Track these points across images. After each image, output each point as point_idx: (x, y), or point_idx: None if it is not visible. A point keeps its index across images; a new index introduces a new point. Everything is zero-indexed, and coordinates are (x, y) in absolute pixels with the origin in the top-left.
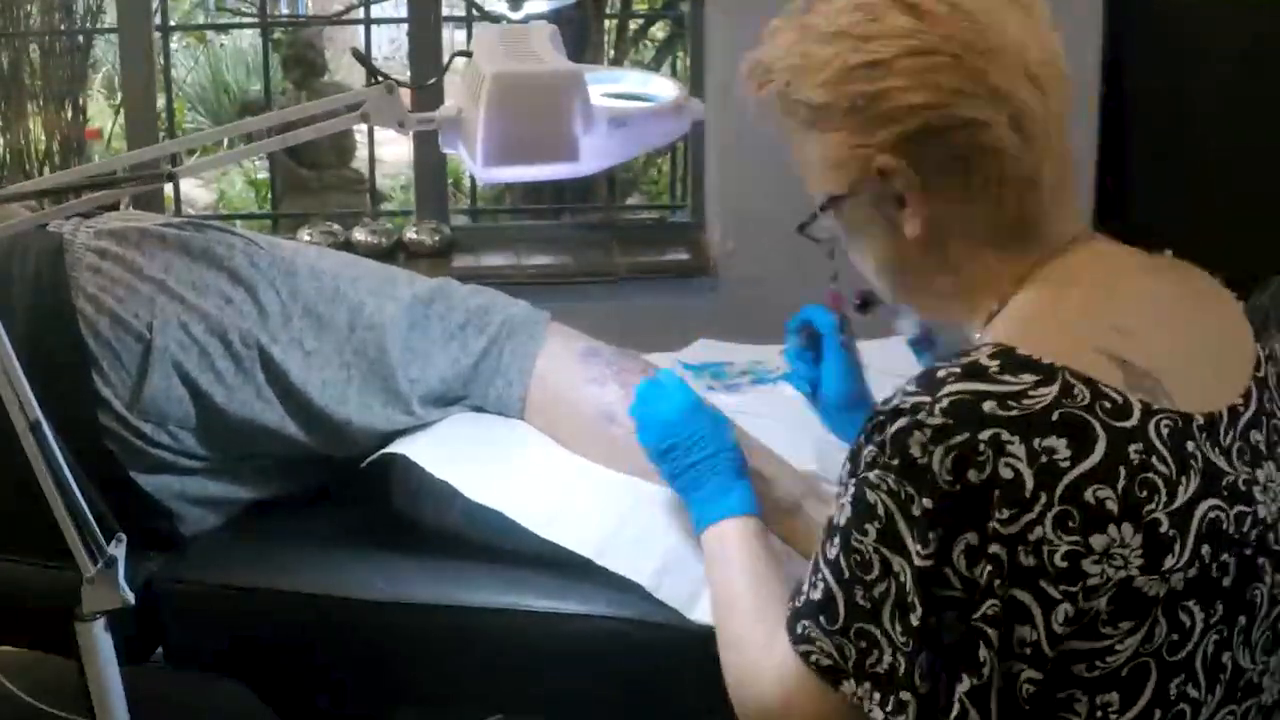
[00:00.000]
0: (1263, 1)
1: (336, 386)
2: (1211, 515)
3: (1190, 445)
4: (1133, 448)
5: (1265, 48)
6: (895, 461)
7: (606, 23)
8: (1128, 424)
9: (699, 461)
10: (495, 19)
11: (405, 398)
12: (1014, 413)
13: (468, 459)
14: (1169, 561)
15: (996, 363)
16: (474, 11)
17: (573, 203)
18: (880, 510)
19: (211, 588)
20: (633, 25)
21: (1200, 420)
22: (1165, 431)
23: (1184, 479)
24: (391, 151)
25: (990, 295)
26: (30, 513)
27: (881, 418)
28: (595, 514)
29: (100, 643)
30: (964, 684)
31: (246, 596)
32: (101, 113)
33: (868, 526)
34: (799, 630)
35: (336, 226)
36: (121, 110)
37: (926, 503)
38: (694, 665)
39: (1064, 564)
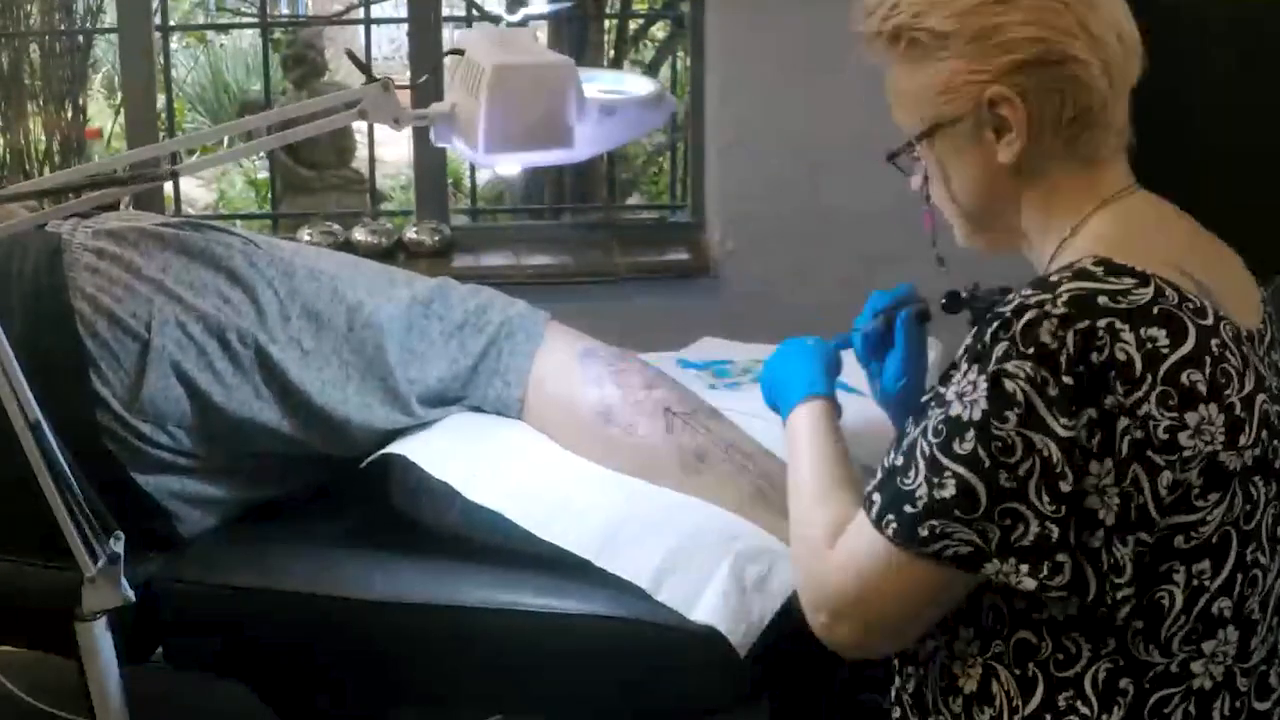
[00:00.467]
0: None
1: (335, 386)
2: (1264, 407)
3: (1245, 349)
4: (1213, 341)
5: (1265, 45)
6: (1030, 350)
7: (606, 23)
8: (1207, 322)
9: (779, 372)
10: (495, 19)
11: (404, 397)
12: (1123, 305)
13: (467, 459)
14: (1243, 440)
15: (1100, 268)
16: (474, 11)
17: (573, 203)
18: (1020, 396)
19: (211, 588)
20: (633, 25)
21: (1246, 331)
22: (1229, 333)
23: (1247, 373)
24: (391, 151)
25: (1061, 223)
26: (30, 513)
27: (1008, 315)
28: (594, 515)
29: (100, 643)
30: (1129, 545)
31: (246, 596)
32: (101, 113)
33: (1007, 413)
34: (926, 532)
35: (336, 226)
36: (121, 110)
37: (1066, 380)
38: (694, 665)
39: (1165, 437)
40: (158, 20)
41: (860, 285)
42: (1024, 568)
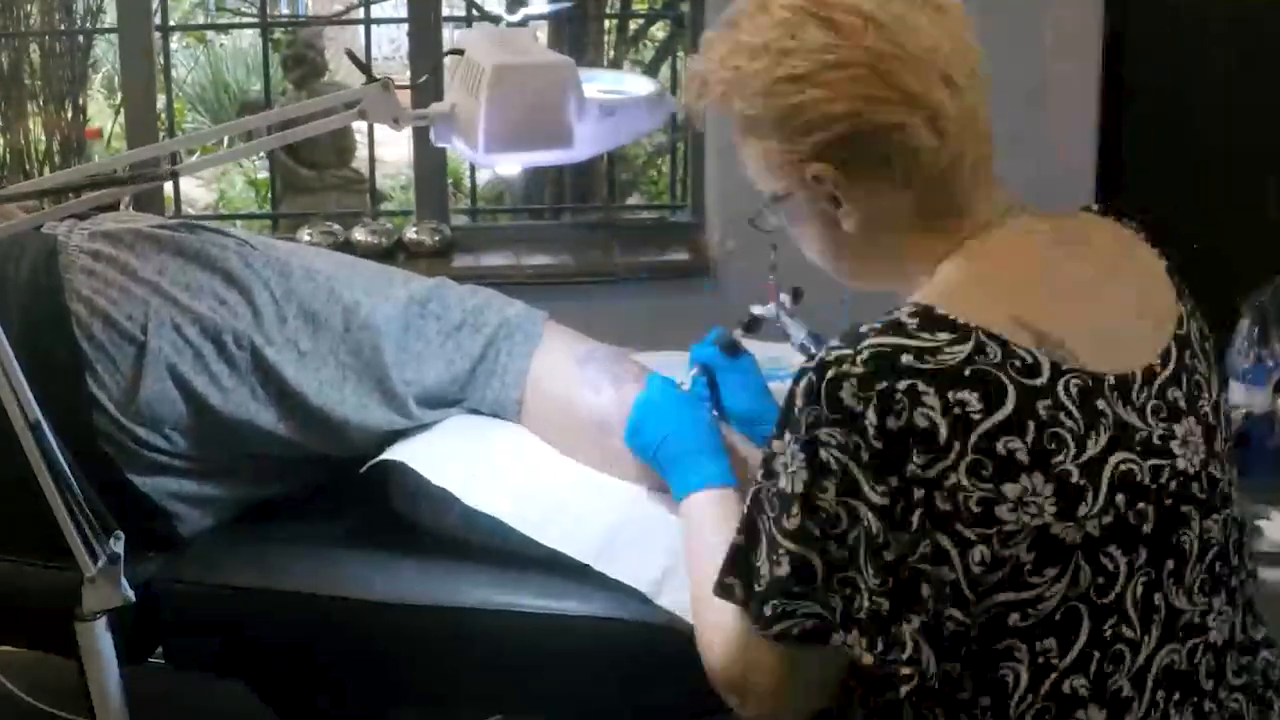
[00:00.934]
0: None
1: (332, 387)
2: (1124, 468)
3: (1100, 404)
4: (1041, 404)
5: (1265, 41)
6: (836, 415)
7: (606, 23)
8: (1037, 382)
9: (664, 439)
10: (495, 19)
11: (401, 398)
12: (929, 366)
13: (465, 464)
14: (1082, 509)
15: (915, 320)
16: (474, 11)
17: (573, 203)
18: (834, 465)
19: (211, 588)
20: (633, 25)
21: (1112, 381)
22: (1075, 390)
23: (1093, 433)
24: (391, 151)
25: (922, 268)
26: (30, 513)
27: (811, 376)
28: (593, 520)
29: (101, 643)
30: (913, 623)
31: (246, 596)
32: (101, 113)
33: (826, 483)
34: (769, 611)
35: (336, 226)
36: (121, 110)
37: (875, 443)
38: (694, 666)
39: (979, 509)
40: (158, 20)
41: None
42: (863, 641)
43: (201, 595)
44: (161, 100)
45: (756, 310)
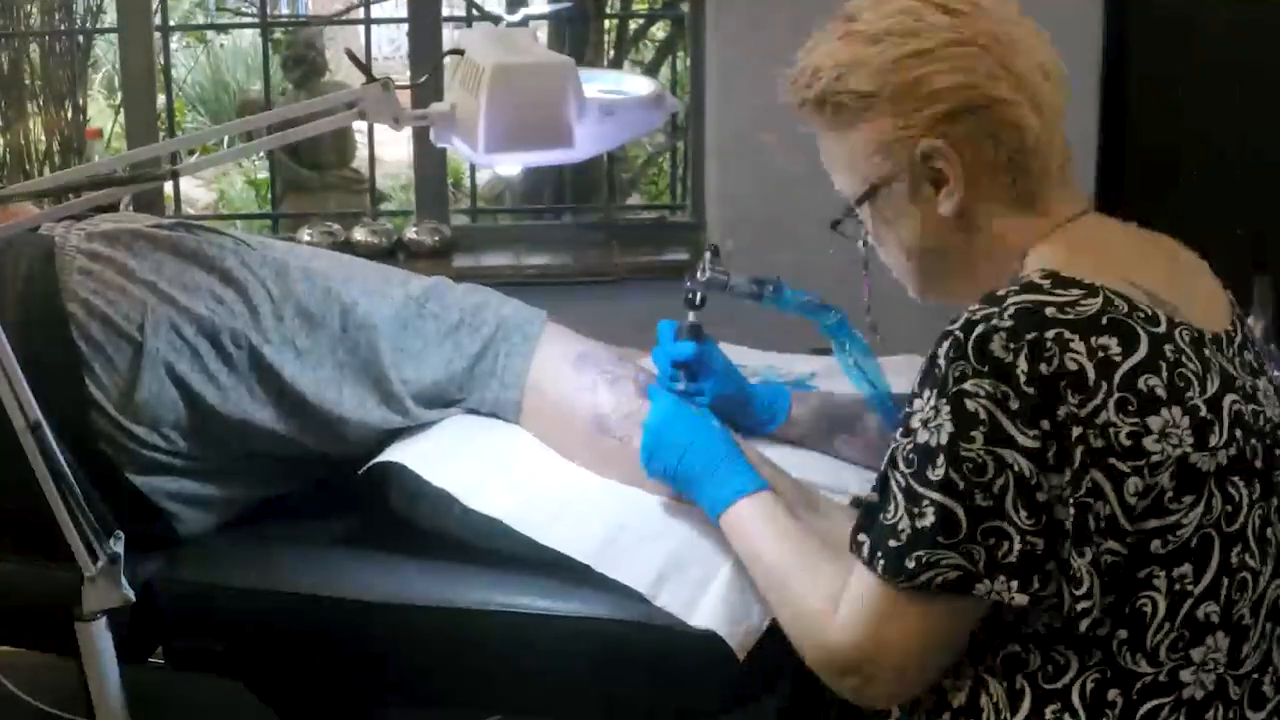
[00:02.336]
0: None
1: (330, 385)
2: (1236, 407)
3: (1208, 352)
4: (1168, 347)
5: (1266, 43)
6: (985, 367)
7: (606, 23)
8: (1159, 330)
9: (683, 454)
10: (495, 19)
11: (399, 397)
12: (1070, 316)
13: (465, 466)
14: (1213, 440)
15: (1048, 280)
16: (474, 11)
17: (573, 203)
18: (982, 415)
19: (211, 588)
20: (633, 25)
21: (1210, 335)
22: (1187, 338)
23: (1209, 376)
24: (391, 152)
25: (1010, 258)
26: (30, 513)
27: (958, 333)
28: (593, 521)
29: (100, 642)
30: (1086, 556)
31: (246, 596)
32: (101, 113)
33: (973, 433)
34: (910, 565)
35: (336, 226)
36: (121, 110)
37: (1027, 389)
38: (693, 668)
39: (1129, 443)
40: (158, 20)
41: (858, 285)
42: (1014, 584)
43: (201, 595)
44: (161, 100)
45: (692, 317)
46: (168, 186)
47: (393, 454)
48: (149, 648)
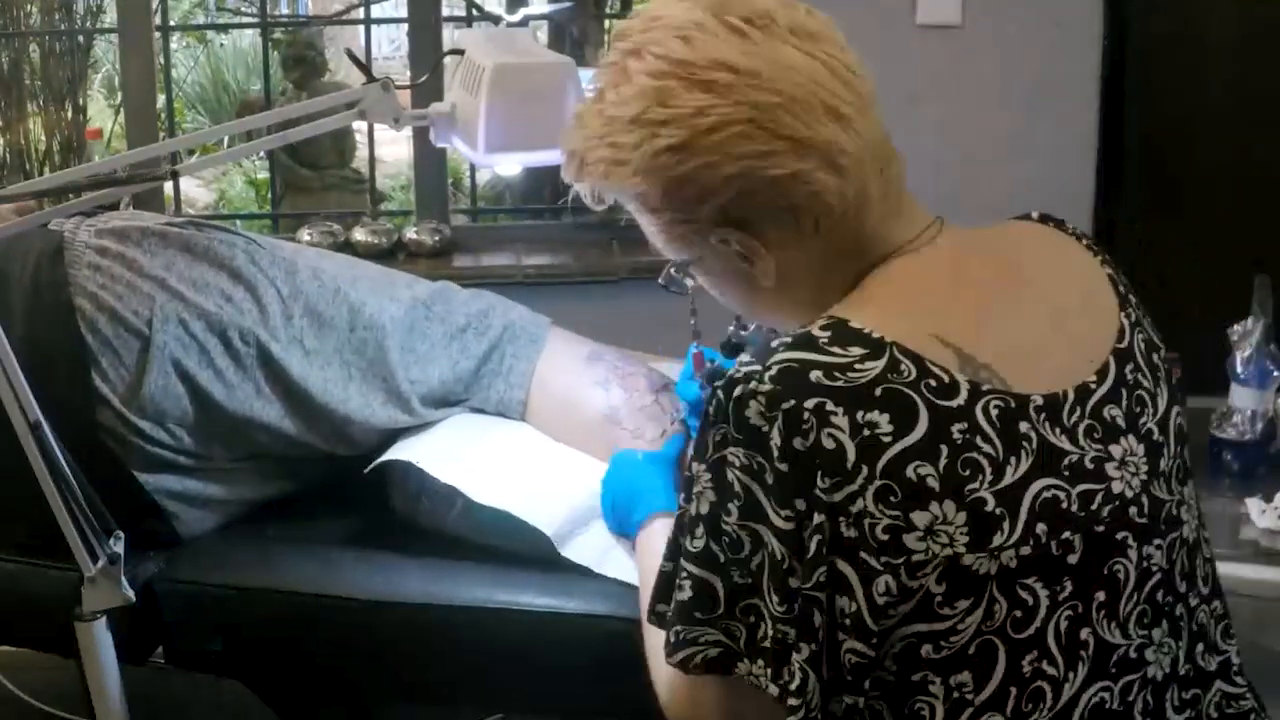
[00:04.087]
0: None
1: (337, 385)
2: (1047, 495)
3: (1024, 426)
4: (956, 427)
5: (1266, 45)
6: (741, 435)
7: (606, 22)
8: (953, 403)
9: (618, 495)
10: (495, 19)
11: (405, 396)
12: (839, 384)
13: (471, 462)
14: (997, 539)
15: (827, 334)
16: (474, 11)
17: (573, 203)
18: (738, 487)
19: (211, 588)
20: None
21: (1039, 401)
22: (995, 412)
23: (1013, 459)
24: (391, 152)
25: (841, 297)
26: (31, 512)
27: (721, 393)
28: (599, 524)
29: (100, 642)
30: (802, 652)
31: (246, 596)
32: (101, 113)
33: (730, 506)
34: (673, 639)
35: (336, 226)
36: (121, 110)
37: (780, 467)
38: None
39: (885, 537)
40: (158, 20)
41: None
42: (768, 671)
43: (201, 595)
44: (161, 100)
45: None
46: (168, 186)
47: (398, 452)
48: (149, 648)
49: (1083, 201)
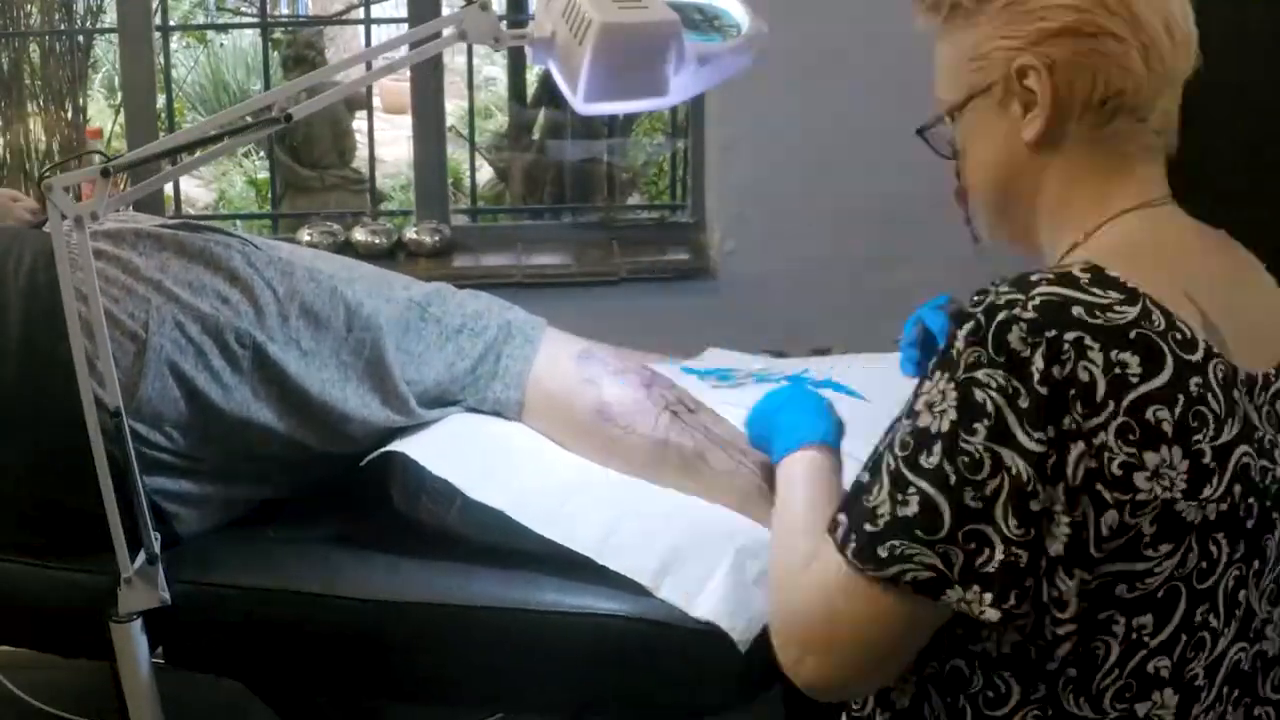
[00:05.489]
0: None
1: (334, 386)
2: (1245, 460)
3: (1236, 394)
4: (1194, 380)
5: (1266, 45)
6: (1001, 357)
7: None
8: (1193, 357)
9: (780, 410)
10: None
11: (402, 397)
12: (1098, 320)
13: (468, 458)
14: (1207, 491)
15: (1087, 275)
16: None
17: (573, 203)
18: (990, 407)
19: (211, 588)
20: None
21: (1244, 376)
22: (1220, 374)
23: (1229, 420)
24: (391, 152)
25: (1076, 226)
26: (30, 512)
27: (979, 316)
28: (595, 513)
29: (137, 644)
30: (1075, 578)
31: (246, 596)
32: (101, 113)
33: (976, 425)
34: (885, 553)
35: (336, 226)
36: (121, 110)
37: (1039, 389)
38: (695, 663)
39: (1119, 473)
40: (158, 20)
41: (860, 285)
42: (988, 596)
43: (201, 595)
44: (161, 100)
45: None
46: (168, 187)
47: (396, 446)
48: (149, 647)
49: None
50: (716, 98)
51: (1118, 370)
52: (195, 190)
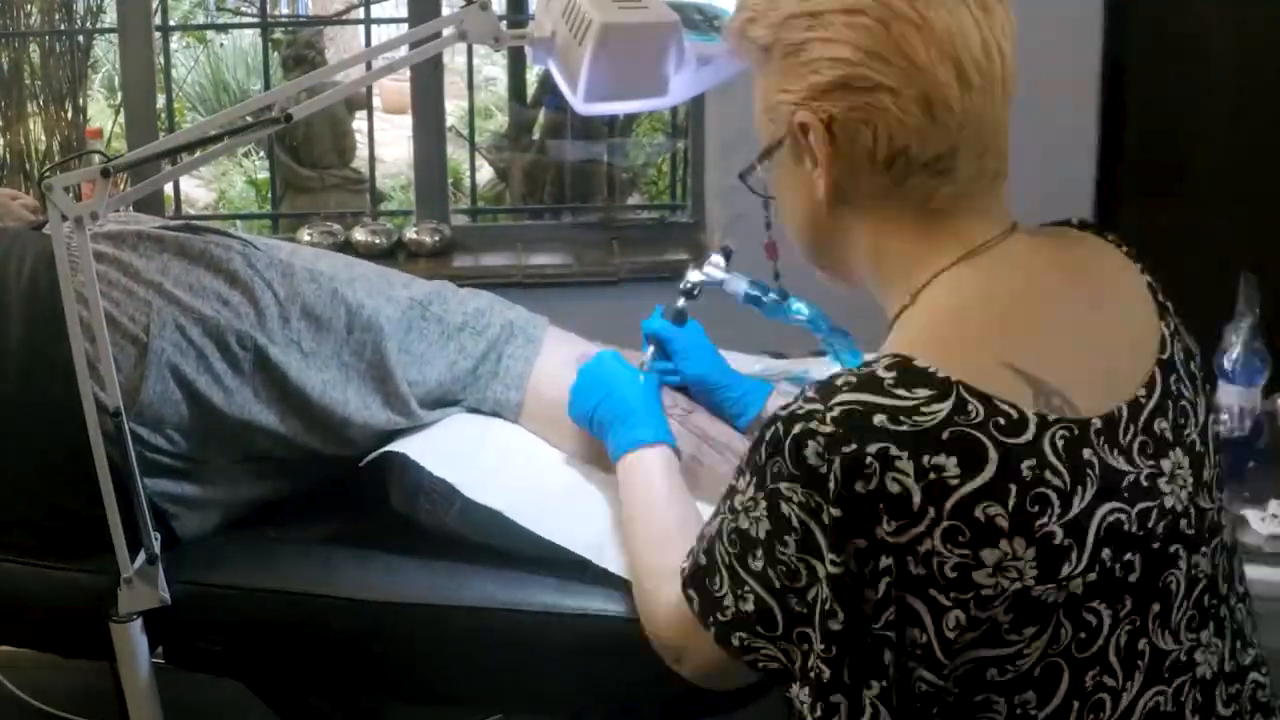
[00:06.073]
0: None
1: (335, 387)
2: (1111, 519)
3: (1087, 453)
4: (1025, 464)
5: (1266, 46)
6: (799, 472)
7: None
8: (1021, 440)
9: (597, 404)
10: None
11: (403, 398)
12: (904, 428)
13: (467, 458)
14: (1066, 569)
15: (892, 374)
16: None
17: (573, 203)
18: (795, 522)
19: (211, 588)
20: None
21: (1098, 424)
22: (1061, 443)
23: (1080, 488)
24: (391, 152)
25: (900, 284)
26: (29, 512)
27: (780, 426)
28: (593, 514)
29: (136, 644)
30: (873, 689)
31: (246, 596)
32: (101, 113)
33: (787, 538)
34: (737, 642)
35: (336, 226)
36: (121, 110)
37: (834, 510)
38: None
39: (954, 574)
40: (158, 20)
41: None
42: (809, 702)
43: (201, 595)
44: (161, 100)
45: (693, 277)
46: (168, 187)
47: (395, 446)
48: (149, 647)
49: (1082, 201)
50: (716, 98)
51: (932, 475)
52: (195, 190)
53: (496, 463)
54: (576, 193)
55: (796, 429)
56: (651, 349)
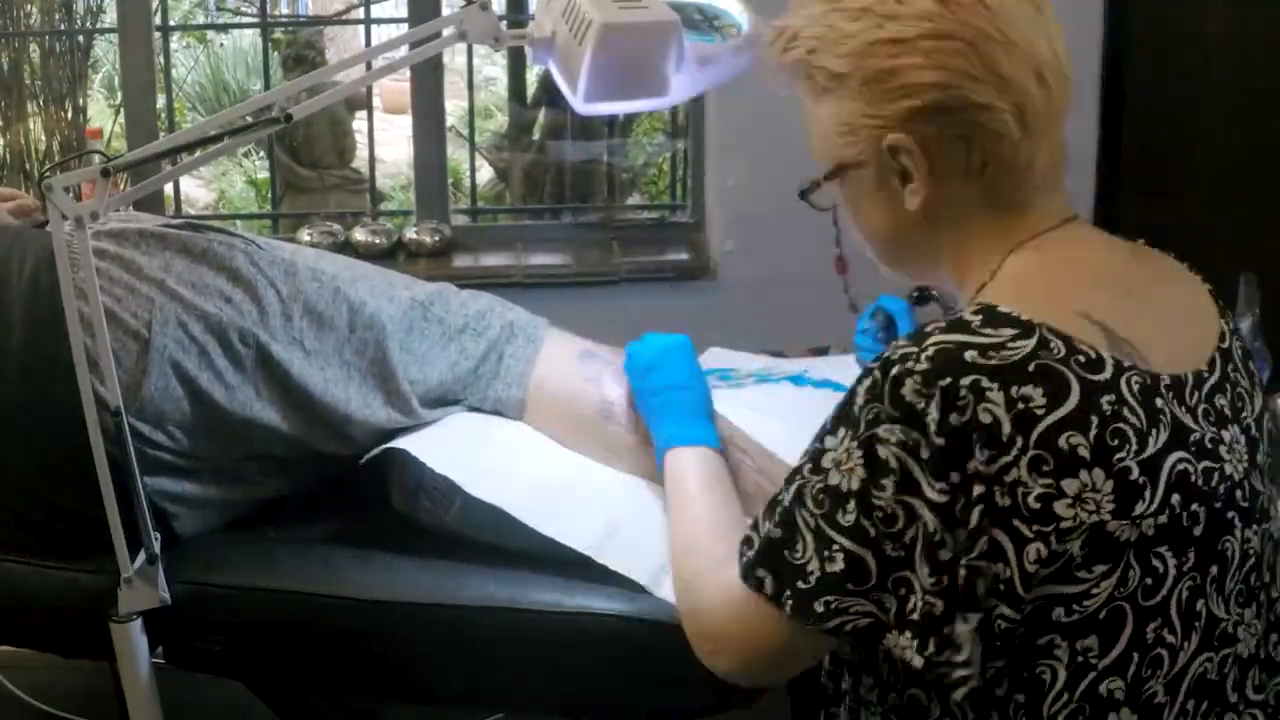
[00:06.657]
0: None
1: (337, 385)
2: (1181, 467)
3: (1159, 401)
4: (1106, 399)
5: (1266, 46)
6: (898, 413)
7: None
8: (1101, 377)
9: (674, 387)
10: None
11: (405, 397)
12: (993, 361)
13: (468, 455)
14: (1139, 507)
15: (979, 317)
16: None
17: (573, 203)
18: (894, 463)
19: (211, 587)
20: None
21: (1167, 380)
22: (1136, 386)
23: (1154, 431)
24: (391, 152)
25: (977, 270)
26: (28, 512)
27: (876, 373)
28: (595, 512)
29: (136, 644)
30: (970, 622)
31: (246, 596)
32: (101, 113)
33: (884, 482)
34: (822, 608)
35: (336, 226)
36: (121, 110)
37: (936, 440)
38: (695, 663)
39: (1037, 505)
40: (158, 20)
41: (861, 285)
42: (915, 643)
43: (201, 595)
44: (161, 100)
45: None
46: (168, 186)
47: (396, 444)
48: (149, 647)
49: (1082, 201)
50: (716, 98)
51: (1021, 406)
52: (195, 190)
53: (497, 460)
54: (576, 193)
55: (894, 370)
56: (880, 318)
